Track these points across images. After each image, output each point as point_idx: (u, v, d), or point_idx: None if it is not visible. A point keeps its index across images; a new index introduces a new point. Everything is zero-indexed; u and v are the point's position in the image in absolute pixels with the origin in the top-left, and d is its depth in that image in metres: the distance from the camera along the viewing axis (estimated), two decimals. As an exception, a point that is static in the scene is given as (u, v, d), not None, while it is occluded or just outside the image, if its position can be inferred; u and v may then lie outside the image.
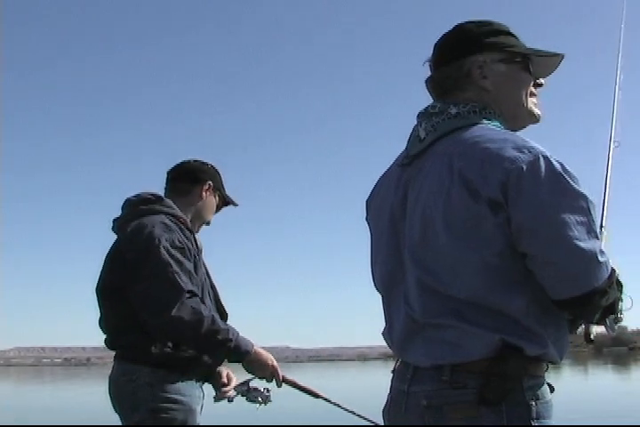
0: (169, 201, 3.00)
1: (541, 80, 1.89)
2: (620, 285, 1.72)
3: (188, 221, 3.00)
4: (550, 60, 1.89)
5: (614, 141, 2.35)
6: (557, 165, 1.61)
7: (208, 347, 2.77)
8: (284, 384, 2.96)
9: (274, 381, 2.91)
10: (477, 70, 1.80)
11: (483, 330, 1.59)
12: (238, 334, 2.78)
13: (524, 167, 1.58)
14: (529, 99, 1.85)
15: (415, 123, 1.83)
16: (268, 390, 2.98)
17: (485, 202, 1.59)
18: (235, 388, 2.98)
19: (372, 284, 1.89)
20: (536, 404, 1.60)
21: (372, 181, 1.97)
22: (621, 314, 1.83)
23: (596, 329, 1.87)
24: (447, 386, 1.60)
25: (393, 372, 1.79)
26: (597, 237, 1.62)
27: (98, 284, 2.93)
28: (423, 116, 1.81)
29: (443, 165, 1.68)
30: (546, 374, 1.69)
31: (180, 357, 2.80)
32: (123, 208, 3.05)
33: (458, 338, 1.61)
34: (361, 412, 3.03)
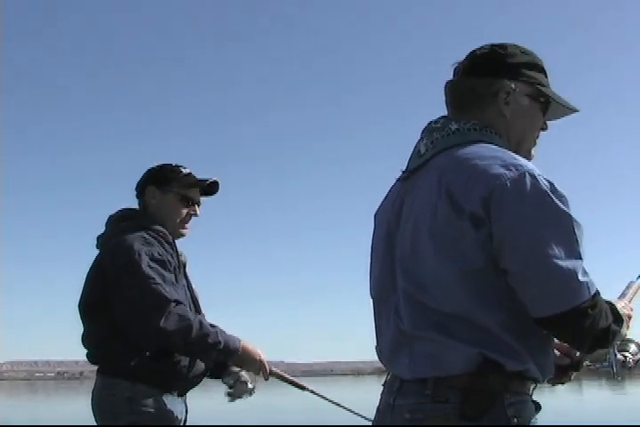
0: (149, 216, 3.01)
1: (548, 124, 1.91)
2: (618, 318, 1.70)
3: (168, 234, 2.98)
4: (564, 110, 1.92)
5: None
6: (544, 184, 1.62)
7: (200, 352, 2.80)
8: (270, 377, 3.00)
9: (261, 373, 2.94)
10: (504, 95, 1.81)
11: (463, 344, 1.60)
12: (225, 333, 2.81)
13: (508, 184, 1.60)
14: (533, 138, 1.88)
15: (418, 138, 1.85)
16: (253, 382, 3.05)
17: (468, 217, 1.61)
18: (223, 380, 3.05)
19: (370, 296, 1.90)
20: (517, 421, 1.60)
21: (372, 196, 2.00)
22: (630, 358, 1.83)
23: (587, 362, 1.88)
24: (429, 400, 1.61)
25: (384, 385, 1.80)
26: (580, 257, 1.61)
27: (80, 300, 2.94)
28: (426, 131, 1.84)
29: (433, 179, 1.71)
30: (534, 392, 1.69)
31: (159, 370, 2.80)
32: (106, 225, 3.07)
33: (440, 352, 1.63)
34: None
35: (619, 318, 1.70)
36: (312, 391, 3.20)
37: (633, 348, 1.91)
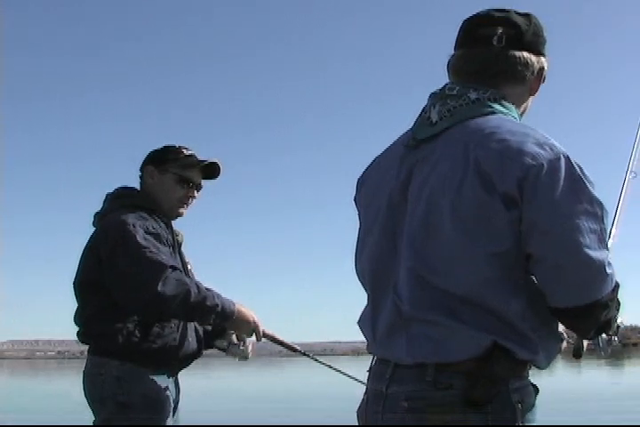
0: (145, 194, 3.03)
1: None
2: (619, 304, 1.67)
3: (163, 213, 3.00)
4: None
5: (631, 172, 2.32)
6: (577, 168, 1.55)
7: (199, 315, 2.80)
8: (263, 338, 3.04)
9: (254, 335, 2.97)
10: (543, 74, 1.78)
11: (475, 330, 1.53)
12: (220, 296, 2.81)
13: (545, 165, 1.52)
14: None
15: (427, 103, 1.73)
16: (245, 344, 3.08)
17: (500, 197, 1.52)
18: (216, 343, 3.07)
19: (355, 270, 1.81)
20: (522, 406, 1.55)
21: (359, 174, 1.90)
22: (615, 336, 1.80)
23: (585, 346, 1.85)
24: (430, 387, 1.53)
25: (369, 371, 1.70)
26: (607, 248, 1.55)
27: (75, 278, 2.94)
28: (437, 97, 1.72)
29: (457, 152, 1.60)
30: (530, 374, 1.65)
31: (149, 350, 2.79)
32: (103, 203, 3.09)
33: (446, 336, 1.54)
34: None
35: (619, 304, 1.67)
36: (303, 353, 3.27)
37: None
